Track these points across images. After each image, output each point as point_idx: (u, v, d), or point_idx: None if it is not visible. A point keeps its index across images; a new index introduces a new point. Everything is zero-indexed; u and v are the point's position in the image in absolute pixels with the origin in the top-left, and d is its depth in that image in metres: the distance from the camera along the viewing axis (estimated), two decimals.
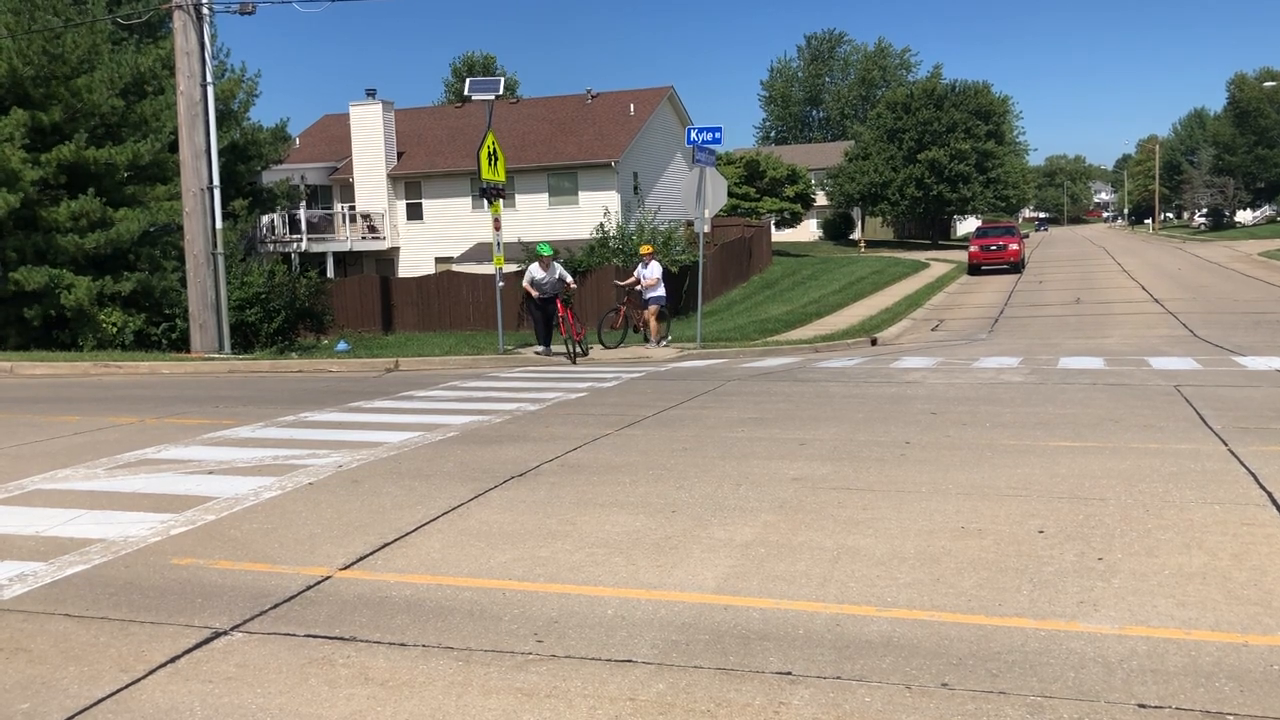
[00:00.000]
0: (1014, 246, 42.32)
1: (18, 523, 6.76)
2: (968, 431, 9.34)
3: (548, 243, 19.00)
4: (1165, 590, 4.97)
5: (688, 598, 5.02)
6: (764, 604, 4.91)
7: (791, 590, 5.09)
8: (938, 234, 77.07)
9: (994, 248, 42.48)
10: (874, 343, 21.27)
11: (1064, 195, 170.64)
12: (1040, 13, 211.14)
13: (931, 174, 67.55)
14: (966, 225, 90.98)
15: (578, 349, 17.87)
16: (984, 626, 4.57)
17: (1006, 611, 4.74)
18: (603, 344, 19.43)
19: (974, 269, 42.41)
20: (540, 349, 18.28)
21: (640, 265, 20.03)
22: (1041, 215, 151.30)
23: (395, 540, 6.18)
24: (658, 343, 19.53)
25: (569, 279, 18.46)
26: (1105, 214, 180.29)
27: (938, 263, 48.38)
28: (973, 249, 43.16)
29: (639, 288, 19.88)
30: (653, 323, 19.65)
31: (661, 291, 19.83)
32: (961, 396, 11.76)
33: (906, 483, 7.28)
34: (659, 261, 20.61)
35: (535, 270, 18.28)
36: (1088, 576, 5.18)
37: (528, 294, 18.51)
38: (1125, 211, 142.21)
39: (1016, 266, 42.28)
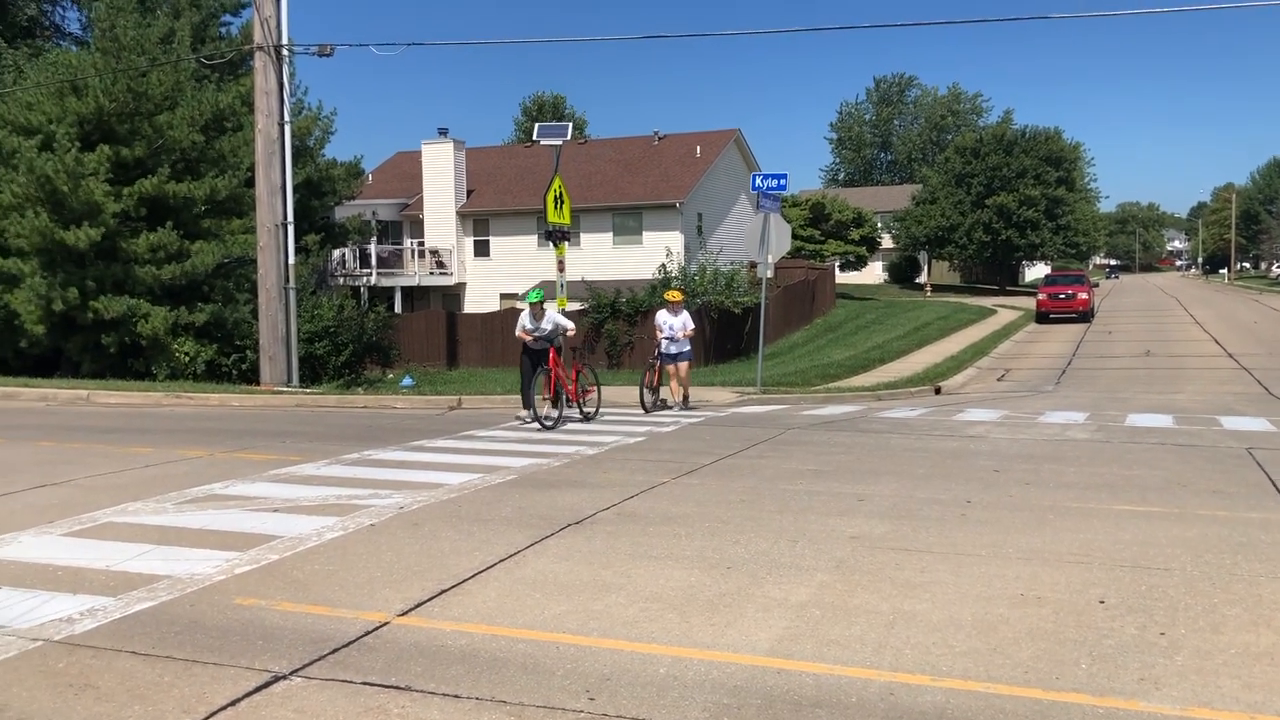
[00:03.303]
0: (1083, 295, 41.70)
1: (90, 555, 6.96)
2: (1030, 491, 9.22)
3: (539, 288, 15.52)
4: (1231, 670, 4.86)
5: (741, 659, 5.02)
6: (817, 669, 4.89)
7: (845, 655, 5.06)
8: (1005, 280, 76.17)
9: (1062, 296, 41.89)
10: (938, 391, 21.06)
11: (1136, 242, 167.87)
12: (1115, 59, 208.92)
13: (1000, 219, 66.88)
14: (1035, 271, 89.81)
15: (574, 408, 15.10)
16: (1040, 701, 4.51)
17: (1064, 686, 4.67)
18: (643, 406, 16.34)
19: (1042, 317, 41.84)
20: (523, 415, 14.87)
21: (667, 312, 17.22)
22: (1112, 262, 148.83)
23: (452, 587, 6.25)
24: (683, 404, 16.85)
25: (569, 327, 15.12)
26: (1178, 262, 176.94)
27: (1005, 309, 47.81)
28: (1041, 297, 42.60)
29: (668, 339, 16.96)
30: (686, 381, 16.94)
31: (690, 347, 17.24)
32: (1025, 453, 11.60)
33: (966, 545, 7.21)
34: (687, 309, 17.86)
35: (525, 319, 15.02)
36: (1149, 652, 5.09)
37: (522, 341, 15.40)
38: (1199, 260, 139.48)
39: (1085, 316, 41.63)
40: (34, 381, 20.32)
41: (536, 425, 13.92)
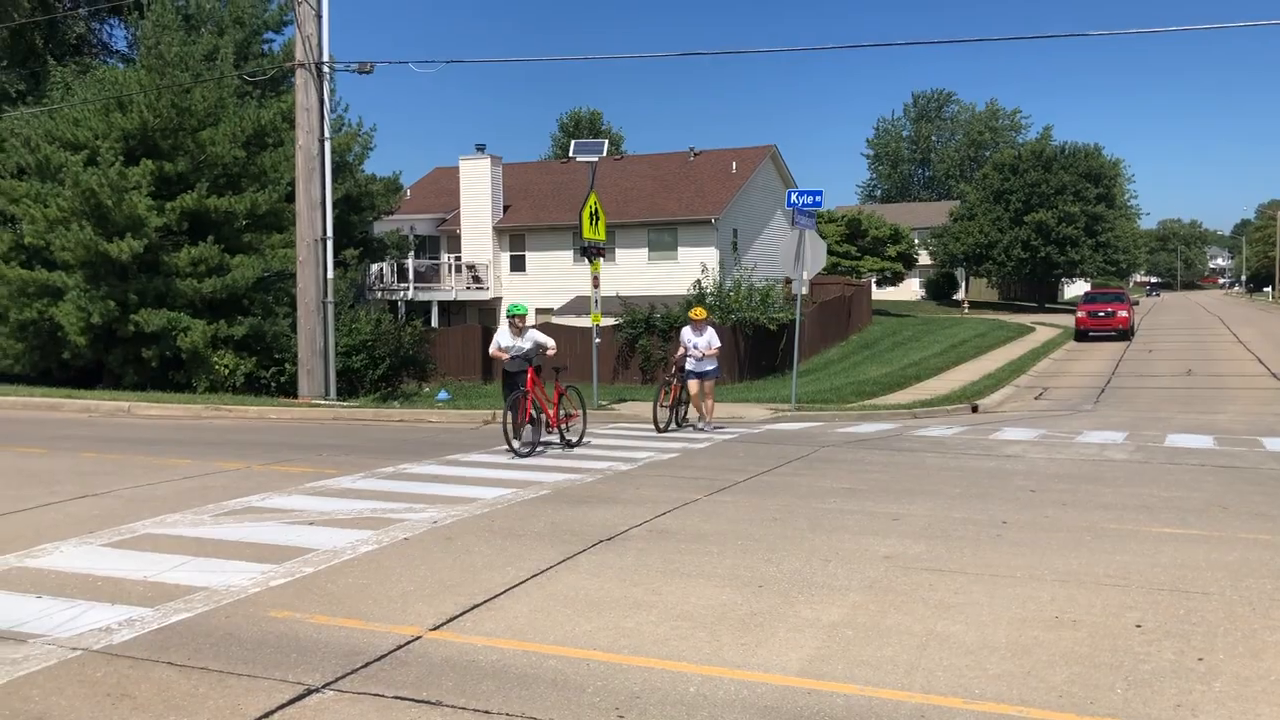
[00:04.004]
0: (1123, 313, 41.26)
1: (129, 566, 7.05)
2: (1067, 512, 9.12)
3: (522, 303, 14.36)
4: (1270, 697, 4.79)
5: (771, 679, 5.00)
6: (848, 690, 4.87)
7: (877, 677, 5.03)
8: (1044, 297, 75.53)
9: (1102, 314, 41.48)
10: (975, 410, 20.90)
11: (1177, 260, 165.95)
12: (1155, 75, 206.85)
13: (1039, 236, 66.36)
14: (1075, 288, 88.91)
15: (553, 434, 13.69)
16: None
17: (1099, 711, 4.62)
18: (656, 425, 15.53)
19: (1081, 335, 41.44)
20: (515, 444, 12.78)
21: (691, 331, 16.14)
22: (1153, 280, 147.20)
23: (484, 602, 6.28)
24: (708, 425, 16.02)
25: (550, 345, 13.68)
26: (1221, 280, 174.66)
27: (1044, 327, 47.37)
28: (1080, 314, 42.20)
29: (691, 358, 16.02)
30: (710, 402, 16.13)
31: (718, 364, 16.48)
32: (1063, 473, 11.49)
33: (1001, 566, 7.15)
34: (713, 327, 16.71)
35: (503, 335, 13.71)
36: (1187, 678, 5.02)
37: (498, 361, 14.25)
38: (1243, 278, 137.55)
39: (1125, 334, 41.18)
40: (77, 393, 20.64)
41: (530, 450, 12.73)
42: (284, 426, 16.69)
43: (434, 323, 40.55)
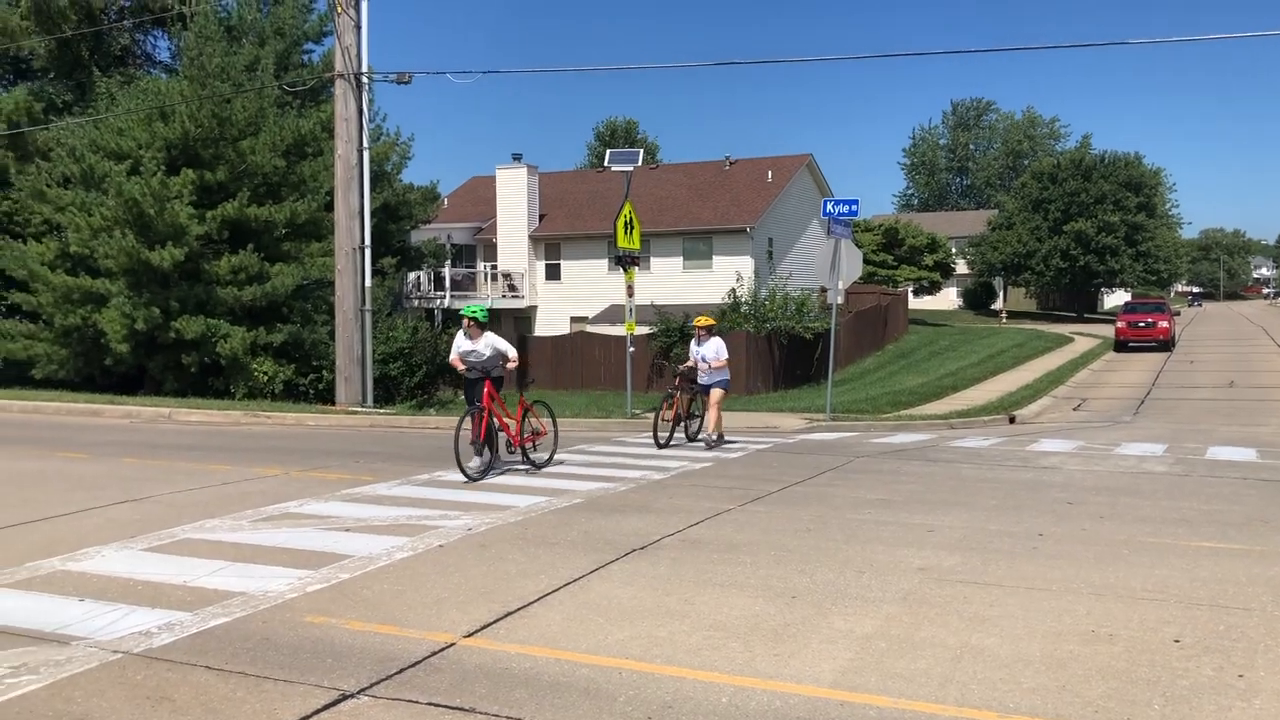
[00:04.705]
0: (1163, 324, 40.78)
1: (169, 571, 7.15)
2: (1104, 525, 9.03)
3: (482, 305, 12.86)
4: None
5: (804, 690, 5.00)
6: (881, 702, 4.85)
7: (910, 689, 5.01)
8: (1083, 307, 74.79)
9: (1142, 324, 41.01)
10: (1012, 421, 20.74)
11: (1220, 270, 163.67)
12: (1198, 82, 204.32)
13: (1078, 245, 65.74)
14: (1115, 298, 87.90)
15: (515, 454, 12.26)
16: None
17: None
18: (656, 440, 14.53)
19: (1120, 346, 40.98)
20: (469, 465, 11.42)
21: (695, 343, 15.35)
22: (1195, 290, 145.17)
23: (518, 610, 6.31)
24: (716, 438, 14.99)
25: (510, 353, 12.21)
26: (1265, 290, 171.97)
27: (1083, 337, 46.91)
28: (1119, 325, 41.75)
29: (699, 370, 15.18)
30: (714, 413, 15.00)
31: (728, 375, 15.45)
32: (1100, 485, 11.38)
33: (1036, 579, 7.09)
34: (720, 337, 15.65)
35: (461, 339, 12.28)
36: (1226, 694, 4.96)
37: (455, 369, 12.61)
38: None
39: (1166, 345, 40.68)
40: (119, 399, 20.95)
41: (484, 473, 11.57)
42: (321, 433, 16.85)
43: None
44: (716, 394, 14.98)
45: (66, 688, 4.99)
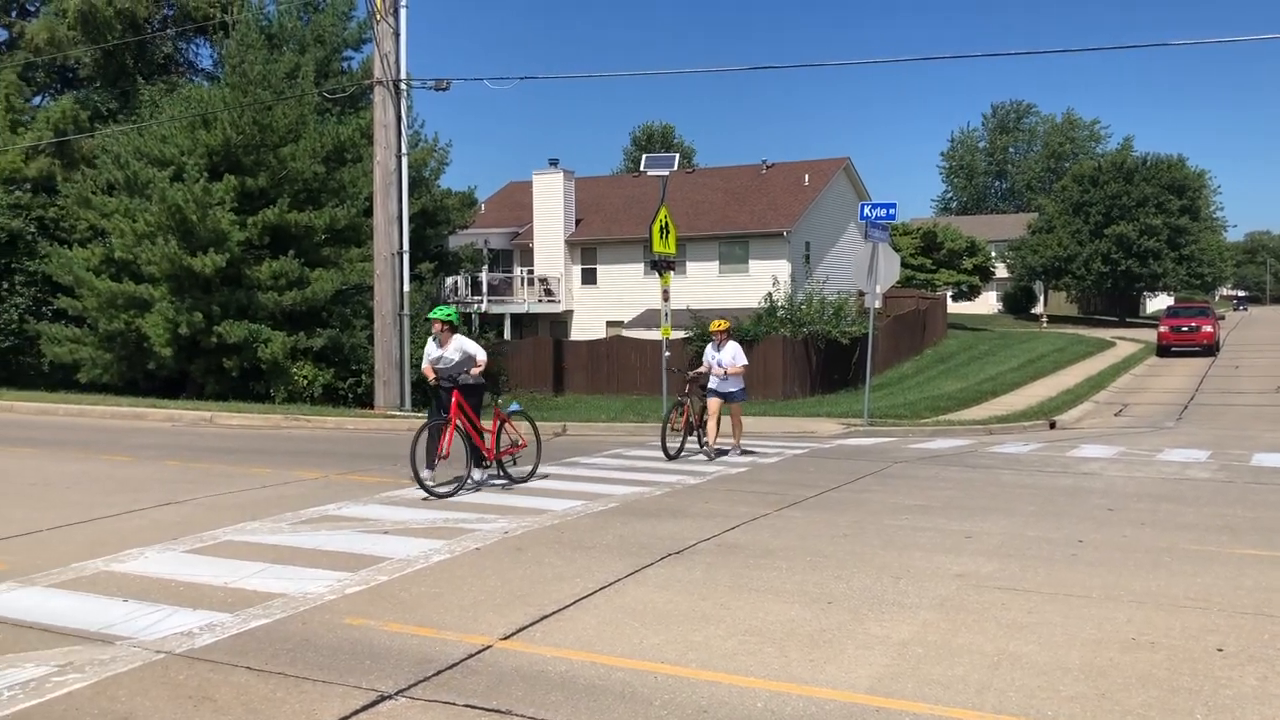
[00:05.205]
0: (1207, 328, 40.21)
1: (210, 572, 7.25)
2: (1146, 532, 8.93)
3: (451, 305, 10.37)
4: None
5: (839, 696, 4.98)
6: (917, 708, 4.82)
7: (947, 696, 4.98)
8: (1125, 311, 73.87)
9: (1185, 329, 40.47)
10: (1052, 426, 20.53)
11: (1266, 273, 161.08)
12: (1242, 83, 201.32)
13: (1119, 249, 64.98)
14: (1157, 302, 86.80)
15: (489, 468, 11.42)
16: None
17: None
18: (665, 452, 13.71)
19: (1163, 350, 40.47)
20: (424, 474, 10.46)
21: (712, 347, 14.49)
22: (1240, 294, 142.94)
23: (554, 613, 6.34)
24: (718, 451, 14.09)
25: (479, 357, 11.22)
26: None
27: (1124, 342, 46.36)
28: (1162, 329, 41.23)
29: (714, 376, 14.36)
30: (736, 422, 14.41)
31: (743, 384, 14.59)
32: (1142, 492, 11.24)
33: (1076, 586, 7.02)
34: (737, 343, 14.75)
35: (431, 346, 11.34)
36: (1270, 704, 4.88)
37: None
38: None
39: (1210, 349, 40.11)
40: (161, 402, 21.25)
41: (453, 489, 10.69)
42: (360, 437, 16.99)
43: (506, 335, 40.99)
44: (736, 407, 14.36)
45: (111, 687, 5.08)
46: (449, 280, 36.84)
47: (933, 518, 9.54)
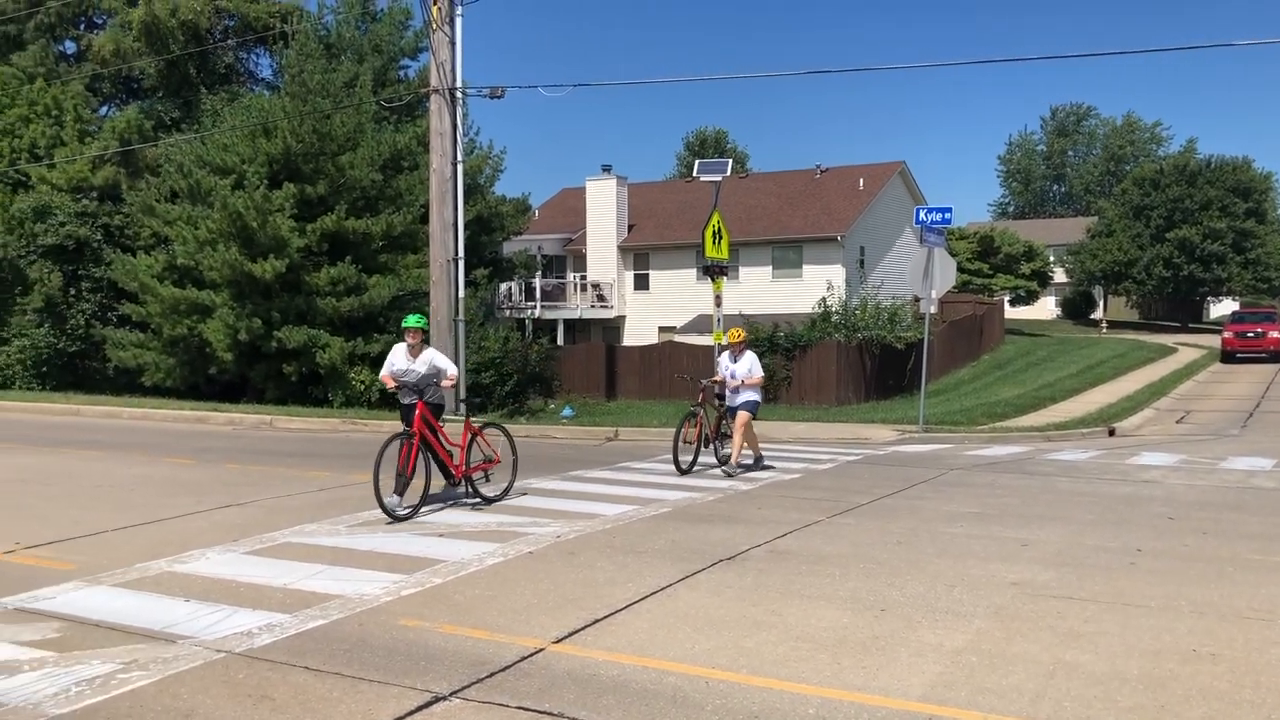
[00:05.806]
0: (1274, 334, 39.27)
1: (269, 574, 7.38)
2: (1207, 541, 8.76)
3: (421, 314, 10.96)
4: None
5: (892, 703, 4.96)
6: (970, 717, 4.79)
7: (1001, 704, 4.94)
8: (1187, 316, 72.38)
9: (1251, 334, 39.58)
10: (1111, 433, 20.19)
11: None
12: None
13: (1181, 253, 63.71)
14: (1221, 307, 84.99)
15: (459, 486, 10.71)
16: None
17: None
18: (677, 466, 12.80)
19: (1227, 357, 39.59)
20: (390, 500, 9.65)
21: (728, 357, 13.65)
22: None
23: (605, 617, 6.38)
24: (740, 464, 13.19)
25: (449, 371, 10.65)
26: None
27: (1186, 348, 45.45)
28: (1226, 335, 40.35)
29: (728, 388, 13.55)
30: (739, 435, 13.15)
31: (759, 396, 13.59)
32: (1203, 500, 11.03)
33: (1134, 595, 6.92)
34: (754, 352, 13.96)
35: (396, 355, 10.60)
36: None
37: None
38: None
39: (1277, 355, 39.17)
40: (222, 406, 21.64)
41: (414, 510, 9.84)
42: None
43: (559, 340, 41.15)
44: (743, 416, 13.14)
45: (173, 684, 5.20)
46: (503, 286, 37.11)
47: (988, 525, 9.45)
